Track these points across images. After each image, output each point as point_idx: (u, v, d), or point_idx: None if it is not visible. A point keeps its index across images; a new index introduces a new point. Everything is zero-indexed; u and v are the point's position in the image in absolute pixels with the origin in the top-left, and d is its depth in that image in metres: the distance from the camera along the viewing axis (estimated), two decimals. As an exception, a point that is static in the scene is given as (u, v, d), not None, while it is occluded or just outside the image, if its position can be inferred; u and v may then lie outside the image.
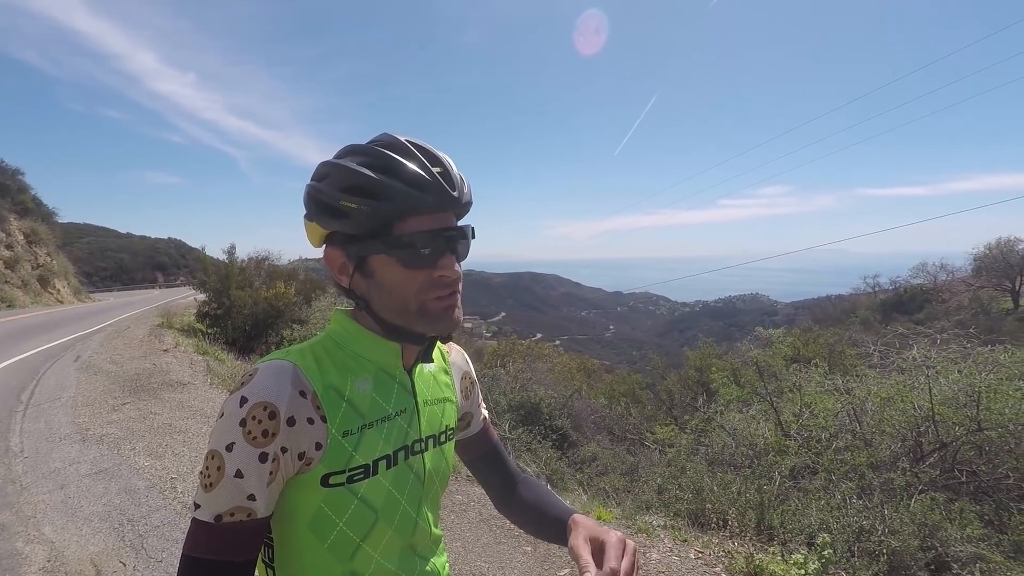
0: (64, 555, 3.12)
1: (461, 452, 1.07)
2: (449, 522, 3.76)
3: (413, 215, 0.74)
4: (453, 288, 0.78)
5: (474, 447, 1.06)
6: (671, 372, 14.84)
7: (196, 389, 7.12)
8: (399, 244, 0.74)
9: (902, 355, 5.91)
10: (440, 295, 0.77)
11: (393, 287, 0.76)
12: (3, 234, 24.63)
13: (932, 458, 4.71)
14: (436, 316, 0.77)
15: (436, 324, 0.78)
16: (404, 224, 0.74)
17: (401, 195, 0.72)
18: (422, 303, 0.76)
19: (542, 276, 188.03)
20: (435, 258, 0.75)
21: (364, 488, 0.77)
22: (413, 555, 0.85)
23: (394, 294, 0.77)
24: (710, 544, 3.51)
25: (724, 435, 6.42)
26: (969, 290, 29.45)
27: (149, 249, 69.83)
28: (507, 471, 1.06)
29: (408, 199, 0.73)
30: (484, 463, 1.06)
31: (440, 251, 0.76)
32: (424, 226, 0.75)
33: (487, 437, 1.06)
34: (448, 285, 0.77)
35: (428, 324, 0.78)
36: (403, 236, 0.74)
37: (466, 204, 0.80)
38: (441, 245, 0.76)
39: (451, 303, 0.78)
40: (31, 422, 5.64)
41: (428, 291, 0.76)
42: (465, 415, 1.03)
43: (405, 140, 0.77)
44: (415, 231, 0.74)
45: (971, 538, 3.56)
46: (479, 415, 1.05)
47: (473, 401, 1.04)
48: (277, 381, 0.71)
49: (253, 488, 0.68)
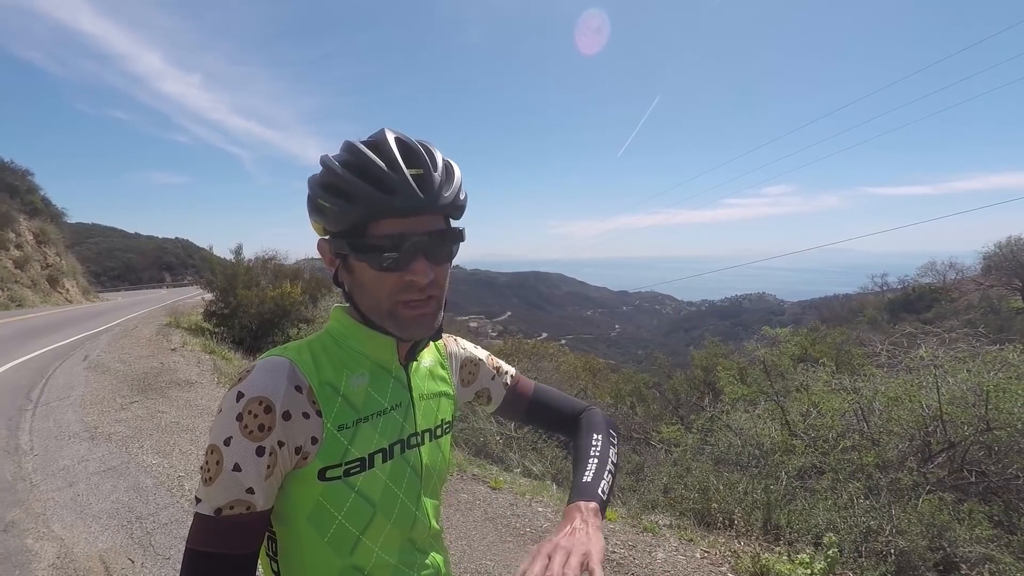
0: (73, 552, 3.15)
1: (508, 417, 1.08)
2: (454, 520, 3.76)
3: (383, 217, 0.73)
4: (429, 293, 0.76)
5: (513, 409, 1.06)
6: (677, 371, 14.78)
7: (203, 388, 7.17)
8: (369, 247, 0.74)
9: (910, 354, 5.86)
10: (411, 300, 0.75)
11: (367, 287, 0.77)
12: (13, 234, 24.85)
13: (940, 458, 4.67)
14: (406, 322, 0.77)
15: (405, 330, 0.78)
16: (377, 226, 0.74)
17: (369, 198, 0.72)
18: (393, 307, 0.76)
19: (547, 275, 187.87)
20: (406, 263, 0.74)
21: (361, 482, 0.77)
22: (413, 549, 0.86)
23: (369, 294, 0.77)
24: (716, 544, 3.50)
25: (730, 435, 6.39)
26: (979, 289, 29.20)
27: (156, 249, 70.26)
28: (562, 415, 1.05)
29: (377, 202, 0.72)
30: (533, 417, 1.07)
31: (412, 256, 0.74)
32: (395, 229, 0.73)
33: (520, 395, 1.06)
34: (419, 290, 0.75)
35: (398, 328, 0.78)
36: (374, 239, 0.74)
37: (447, 206, 0.76)
38: (412, 250, 0.74)
39: (424, 311, 0.76)
40: (40, 420, 5.69)
41: (399, 295, 0.75)
42: (480, 392, 1.03)
43: (393, 138, 0.77)
44: (385, 234, 0.74)
45: (980, 539, 3.53)
46: (498, 384, 1.05)
47: (484, 378, 1.04)
48: (273, 377, 0.72)
49: (251, 482, 0.69)
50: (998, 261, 28.23)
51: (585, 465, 0.90)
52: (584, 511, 0.78)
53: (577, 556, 0.67)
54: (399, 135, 0.78)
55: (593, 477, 0.87)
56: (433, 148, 0.79)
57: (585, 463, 0.90)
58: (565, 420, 1.04)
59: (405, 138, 0.78)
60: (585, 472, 0.88)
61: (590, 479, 0.87)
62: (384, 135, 0.77)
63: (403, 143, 0.77)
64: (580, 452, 0.94)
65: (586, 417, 1.02)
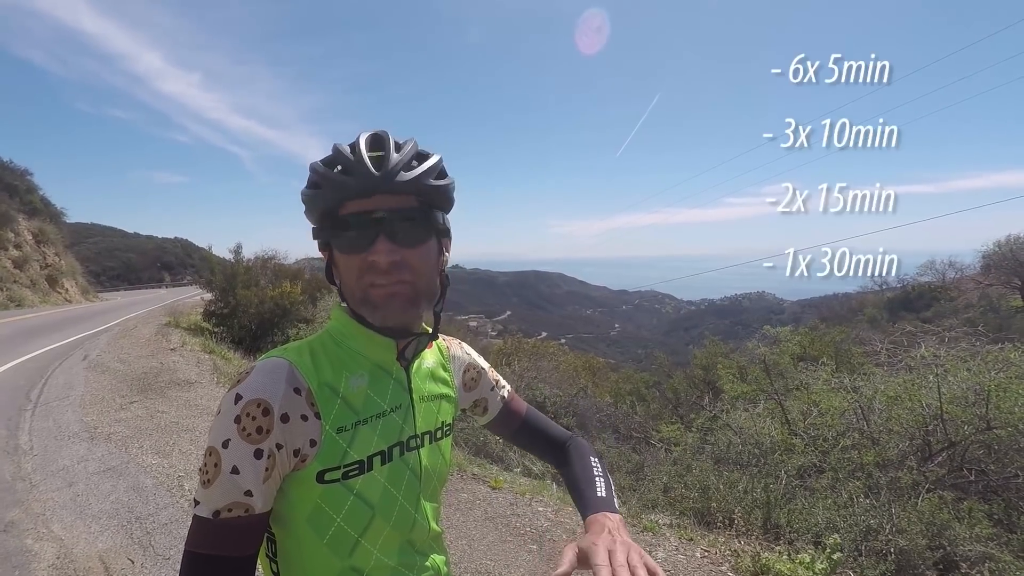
0: (73, 552, 3.14)
1: (496, 432, 1.07)
2: (455, 520, 3.76)
3: (346, 199, 0.74)
4: (399, 277, 0.75)
5: (504, 425, 1.06)
6: (677, 370, 14.79)
7: (203, 388, 7.16)
8: (333, 228, 0.76)
9: (910, 353, 5.86)
10: (378, 281, 0.74)
11: (342, 273, 0.78)
12: (12, 234, 24.84)
13: (940, 457, 4.68)
14: (376, 304, 0.76)
15: (377, 312, 0.76)
16: (343, 209, 0.75)
17: (333, 182, 0.74)
18: (364, 290, 0.76)
19: (547, 275, 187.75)
20: (367, 243, 0.74)
21: (360, 484, 0.77)
22: (412, 551, 0.86)
23: (345, 281, 0.78)
24: (716, 543, 3.50)
25: (730, 433, 6.39)
26: (978, 288, 29.19)
27: (156, 249, 70.26)
28: (549, 438, 1.04)
29: (338, 185, 0.74)
30: (522, 436, 1.06)
31: (371, 235, 0.73)
32: (355, 209, 0.74)
33: (513, 413, 1.05)
34: (382, 271, 0.74)
35: (371, 312, 0.77)
36: (338, 221, 0.75)
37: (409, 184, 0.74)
38: (370, 228, 0.73)
39: (392, 291, 0.75)
40: (40, 420, 5.68)
41: (365, 276, 0.75)
42: (477, 402, 1.03)
43: (370, 133, 0.78)
44: (345, 214, 0.75)
45: (980, 537, 3.53)
46: (496, 396, 1.04)
47: (483, 387, 1.03)
48: (271, 378, 0.72)
49: (249, 484, 0.69)
50: (997, 260, 28.20)
51: (594, 484, 0.90)
52: (612, 521, 0.77)
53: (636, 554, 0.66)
54: (378, 131, 0.79)
55: (607, 494, 0.87)
56: (410, 141, 0.79)
57: (593, 482, 0.91)
58: (553, 445, 1.03)
59: (382, 133, 0.79)
60: (597, 488, 0.89)
61: (604, 495, 0.87)
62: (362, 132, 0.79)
63: (375, 135, 0.78)
64: (584, 472, 0.94)
65: (575, 444, 1.02)
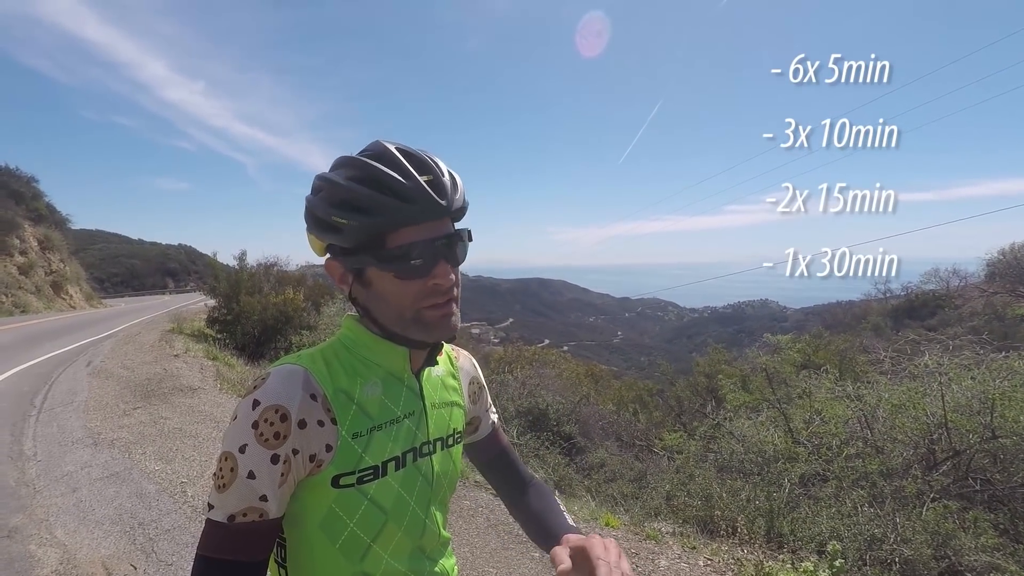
0: (76, 558, 3.15)
1: (471, 456, 1.07)
2: (457, 527, 3.75)
3: (404, 227, 0.74)
4: (449, 296, 0.78)
5: (484, 451, 1.06)
6: (680, 378, 14.74)
7: (206, 394, 7.17)
8: (392, 257, 0.75)
9: (914, 361, 5.84)
10: (436, 303, 0.77)
11: (389, 297, 0.77)
12: (18, 240, 24.99)
13: (945, 466, 4.65)
14: (432, 324, 0.78)
15: (432, 332, 0.78)
16: (396, 236, 0.74)
17: (389, 208, 0.73)
18: (418, 312, 0.77)
19: (549, 282, 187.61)
20: (429, 267, 0.75)
21: (374, 489, 0.78)
22: (423, 557, 0.86)
23: (391, 304, 0.78)
24: (719, 551, 3.49)
25: (733, 442, 6.37)
26: (982, 296, 29.05)
27: (160, 255, 70.49)
28: (517, 476, 1.05)
29: (397, 212, 0.73)
30: (494, 467, 1.06)
31: (434, 260, 0.75)
32: (416, 236, 0.74)
33: (496, 441, 1.06)
34: (444, 293, 0.77)
35: (425, 332, 0.78)
36: (395, 248, 0.74)
37: (459, 209, 0.79)
38: (434, 254, 0.75)
39: (447, 311, 0.78)
40: (44, 426, 5.70)
41: (423, 300, 0.76)
42: (473, 419, 1.03)
43: (394, 149, 0.77)
44: (407, 242, 0.74)
45: (985, 547, 3.51)
46: (488, 419, 1.05)
47: (481, 406, 1.04)
48: (288, 385, 0.72)
49: (265, 489, 0.69)
50: (1002, 268, 28.09)
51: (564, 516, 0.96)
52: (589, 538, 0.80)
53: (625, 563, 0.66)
54: (398, 145, 0.78)
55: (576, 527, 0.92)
56: (434, 155, 0.79)
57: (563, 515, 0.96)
58: (519, 482, 1.05)
59: (405, 147, 0.78)
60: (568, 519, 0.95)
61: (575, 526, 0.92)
62: (383, 146, 0.77)
63: (407, 153, 0.77)
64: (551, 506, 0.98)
65: (537, 484, 1.05)
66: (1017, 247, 27.49)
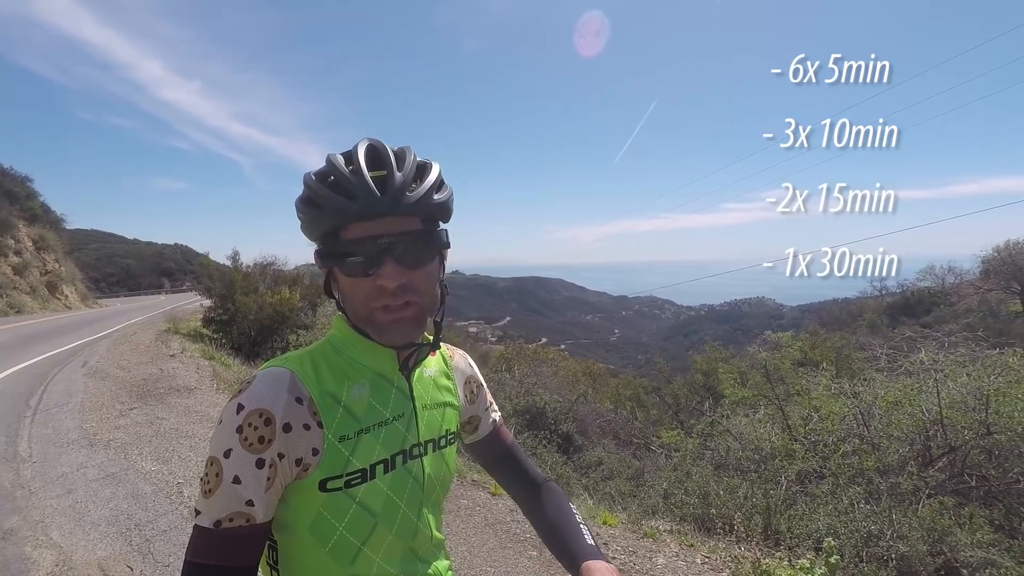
0: (72, 559, 3.13)
1: (476, 455, 1.06)
2: (455, 527, 3.75)
3: (350, 222, 0.73)
4: (406, 299, 0.74)
5: (486, 450, 1.05)
6: (677, 376, 14.78)
7: (202, 394, 7.15)
8: (337, 253, 0.74)
9: (910, 358, 5.88)
10: (387, 304, 0.74)
11: (347, 294, 0.77)
12: (12, 240, 24.86)
13: (941, 462, 4.67)
14: (383, 327, 0.75)
15: (384, 335, 0.76)
16: (346, 232, 0.74)
17: (333, 204, 0.72)
18: (369, 312, 0.75)
19: (546, 280, 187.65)
20: (373, 266, 0.73)
21: (362, 493, 0.77)
22: (415, 559, 0.86)
23: (349, 301, 0.77)
24: (716, 549, 3.50)
25: (730, 439, 6.39)
26: (977, 293, 29.19)
27: (155, 255, 70.24)
28: (526, 475, 1.03)
29: (338, 208, 0.72)
30: (500, 466, 1.05)
31: (378, 259, 0.72)
32: (361, 233, 0.73)
33: (500, 439, 1.04)
34: (393, 295, 0.73)
35: (379, 335, 0.77)
36: (343, 245, 0.74)
37: (414, 206, 0.74)
38: (378, 252, 0.72)
39: (400, 316, 0.75)
40: (39, 427, 5.67)
41: (373, 300, 0.74)
42: (472, 418, 1.02)
43: (366, 145, 0.76)
44: (352, 239, 0.73)
45: (981, 543, 3.53)
46: (488, 418, 1.04)
47: (480, 404, 1.03)
48: (273, 388, 0.72)
49: (251, 494, 0.69)
50: (997, 265, 28.22)
51: (582, 532, 0.91)
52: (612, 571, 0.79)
53: None
54: (373, 142, 0.77)
55: (593, 543, 0.88)
56: (407, 151, 0.78)
57: (580, 529, 0.91)
58: (529, 484, 1.02)
59: (378, 144, 0.77)
60: (586, 536, 0.89)
61: (593, 544, 0.88)
62: (358, 144, 0.77)
63: (372, 148, 0.76)
64: (567, 519, 0.94)
65: (551, 488, 1.02)
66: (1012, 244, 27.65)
